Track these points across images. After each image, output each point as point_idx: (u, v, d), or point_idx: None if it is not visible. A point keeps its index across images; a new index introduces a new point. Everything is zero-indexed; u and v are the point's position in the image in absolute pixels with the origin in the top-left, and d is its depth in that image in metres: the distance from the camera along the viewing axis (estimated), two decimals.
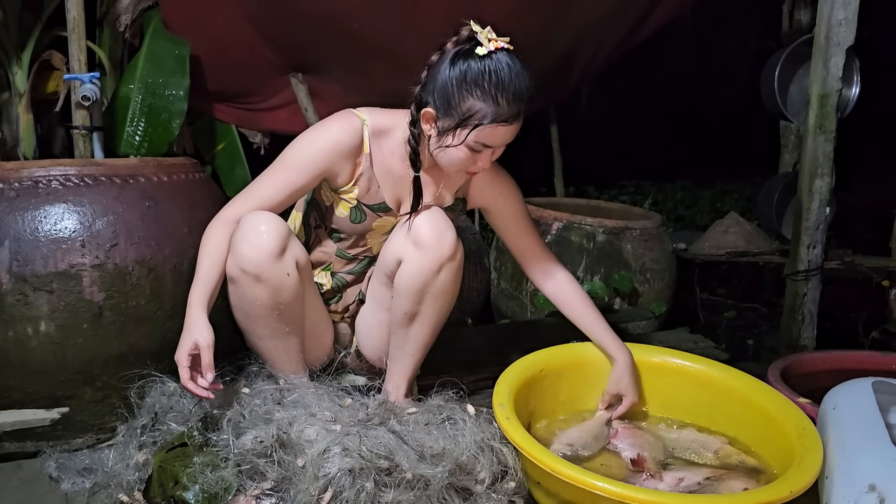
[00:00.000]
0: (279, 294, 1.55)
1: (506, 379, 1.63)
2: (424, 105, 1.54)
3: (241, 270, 1.52)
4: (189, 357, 1.42)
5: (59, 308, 1.55)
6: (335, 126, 1.61)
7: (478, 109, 1.47)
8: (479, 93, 1.46)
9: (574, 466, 1.31)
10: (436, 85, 1.50)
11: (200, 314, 1.46)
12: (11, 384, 1.58)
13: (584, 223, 2.77)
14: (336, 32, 2.63)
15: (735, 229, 3.46)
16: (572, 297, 1.78)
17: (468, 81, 1.46)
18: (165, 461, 1.39)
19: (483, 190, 1.77)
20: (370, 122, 1.63)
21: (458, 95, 1.47)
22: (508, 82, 1.46)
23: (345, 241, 1.73)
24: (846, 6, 2.45)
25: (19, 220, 1.55)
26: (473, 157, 1.54)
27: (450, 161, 1.56)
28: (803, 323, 2.66)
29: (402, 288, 1.60)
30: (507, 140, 1.54)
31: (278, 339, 1.62)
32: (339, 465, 1.30)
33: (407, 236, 1.59)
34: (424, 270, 1.57)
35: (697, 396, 1.76)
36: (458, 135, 1.50)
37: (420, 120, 1.56)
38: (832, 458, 1.39)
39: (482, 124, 1.48)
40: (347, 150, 1.60)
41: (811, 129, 2.55)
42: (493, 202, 1.78)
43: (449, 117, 1.50)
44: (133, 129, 2.36)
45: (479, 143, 1.51)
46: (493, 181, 1.77)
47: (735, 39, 5.40)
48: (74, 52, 2.08)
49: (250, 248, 1.51)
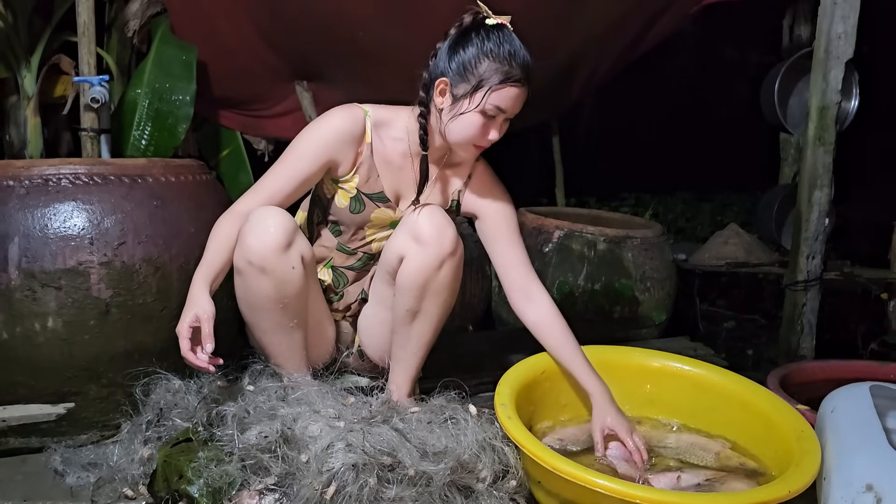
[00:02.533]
0: (284, 287, 1.58)
1: (507, 380, 1.65)
2: (437, 78, 1.61)
3: (248, 262, 1.55)
4: (190, 329, 1.44)
5: (67, 304, 1.57)
6: (338, 115, 1.68)
7: (493, 71, 1.56)
8: (493, 56, 1.56)
9: (575, 464, 1.33)
10: (448, 58, 1.60)
11: (202, 289, 1.49)
12: (18, 380, 1.60)
13: (586, 232, 2.79)
14: (342, 40, 2.66)
15: (735, 240, 3.48)
16: (551, 327, 1.73)
17: (483, 49, 1.56)
18: (170, 456, 1.40)
19: (479, 195, 1.81)
20: (372, 114, 1.71)
21: (474, 61, 1.56)
22: (518, 49, 1.58)
23: (345, 234, 1.77)
24: (845, 20, 2.48)
25: (29, 217, 1.57)
26: (486, 125, 1.60)
27: (462, 130, 1.61)
28: (802, 333, 2.67)
29: (405, 284, 1.63)
30: (517, 105, 1.61)
31: (282, 333, 1.64)
32: (342, 461, 1.31)
33: (408, 233, 1.62)
34: (426, 266, 1.60)
35: (697, 400, 1.77)
36: (474, 98, 1.57)
37: (433, 94, 1.63)
38: (830, 460, 1.40)
39: (496, 84, 1.56)
40: (350, 137, 1.67)
41: (811, 141, 2.58)
42: (485, 209, 1.80)
43: (465, 82, 1.58)
44: (139, 133, 2.39)
45: (493, 105, 1.57)
46: (490, 188, 1.81)
47: (735, 53, 5.45)
48: (84, 56, 2.11)
49: (257, 241, 1.54)
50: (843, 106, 2.65)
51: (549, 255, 2.78)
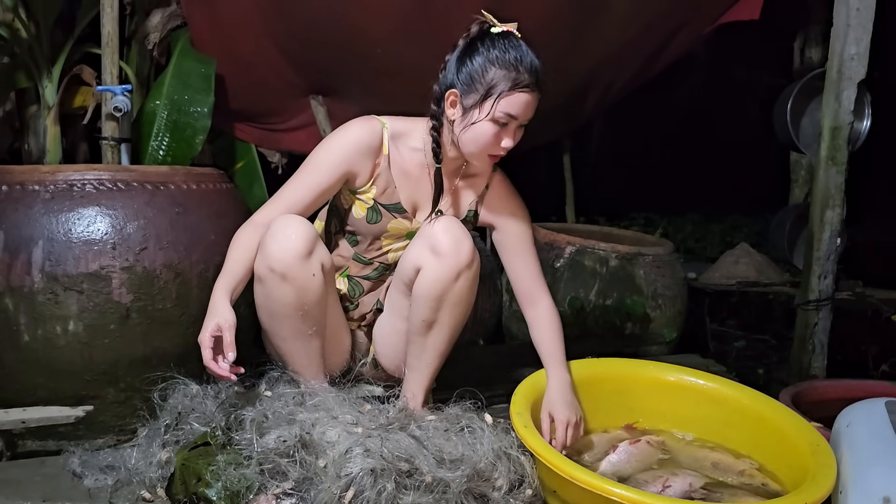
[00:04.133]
0: (304, 295, 1.59)
1: (522, 390, 1.66)
2: (447, 90, 1.63)
3: (269, 269, 1.56)
4: (212, 339, 1.45)
5: (88, 308, 1.59)
6: (356, 127, 1.70)
7: (500, 78, 1.57)
8: (500, 63, 1.57)
9: (592, 473, 1.33)
10: (457, 69, 1.62)
11: (223, 299, 1.51)
12: (38, 382, 1.61)
13: (598, 248, 2.80)
14: (359, 56, 2.69)
15: (746, 260, 3.49)
16: (544, 322, 1.79)
17: (490, 57, 1.58)
18: (188, 459, 1.41)
19: (496, 206, 1.83)
20: (390, 126, 1.73)
21: (481, 70, 1.58)
22: (525, 55, 1.59)
23: (361, 244, 1.78)
24: (858, 42, 2.51)
25: (53, 221, 1.59)
26: (498, 133, 1.61)
27: (475, 140, 1.63)
28: (814, 353, 2.67)
29: (421, 295, 1.64)
30: (529, 111, 1.62)
31: (301, 341, 1.65)
32: (360, 466, 1.32)
33: (425, 244, 1.63)
34: (443, 278, 1.61)
35: (711, 414, 1.78)
36: (483, 107, 1.59)
37: (444, 106, 1.65)
38: (846, 473, 1.40)
39: (504, 91, 1.57)
40: (367, 148, 1.69)
41: (823, 161, 2.60)
42: (502, 220, 1.83)
43: (473, 92, 1.60)
44: (157, 144, 2.41)
45: (503, 112, 1.58)
46: (507, 200, 1.84)
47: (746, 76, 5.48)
48: (107, 66, 2.15)
49: (279, 248, 1.55)
50: (855, 126, 2.67)
51: (560, 270, 2.79)
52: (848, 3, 2.49)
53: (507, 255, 1.84)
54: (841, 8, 2.52)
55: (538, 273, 1.83)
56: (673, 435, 1.80)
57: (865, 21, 2.49)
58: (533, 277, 1.82)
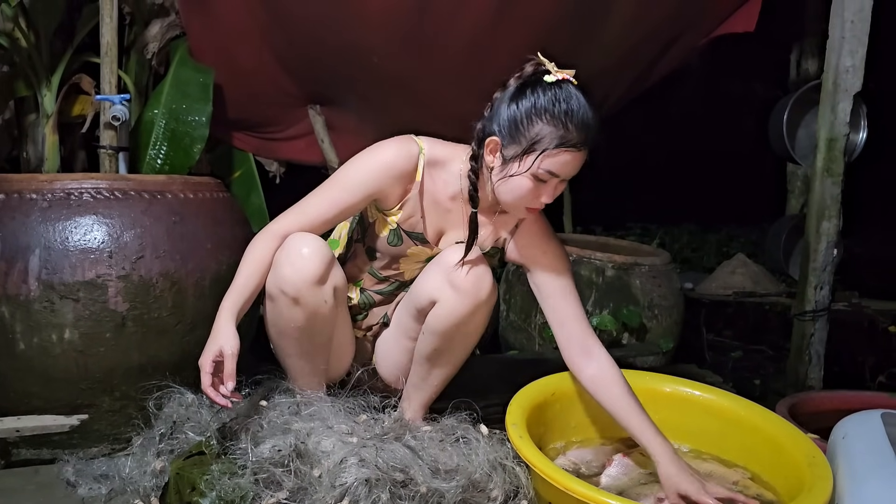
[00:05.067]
0: (314, 319, 1.56)
1: (518, 400, 1.65)
2: (488, 136, 1.52)
3: (281, 291, 1.53)
4: (212, 363, 1.41)
5: (84, 316, 1.59)
6: (392, 149, 1.59)
7: (546, 134, 1.44)
8: (548, 117, 1.44)
9: (588, 485, 1.33)
10: (501, 115, 1.49)
11: (229, 322, 1.45)
12: (33, 390, 1.61)
13: (594, 258, 2.81)
14: (356, 66, 2.70)
15: (742, 270, 3.50)
16: (611, 383, 1.60)
17: (537, 107, 1.44)
18: (183, 468, 1.41)
19: (526, 246, 1.70)
20: (427, 152, 1.62)
21: (526, 121, 1.45)
22: (577, 109, 1.44)
23: (379, 261, 1.73)
24: (853, 54, 2.52)
25: (50, 229, 1.60)
26: (537, 188, 1.50)
27: (512, 193, 1.51)
28: (810, 363, 2.68)
29: (435, 328, 1.60)
30: (573, 170, 1.49)
31: (305, 359, 1.64)
32: (355, 476, 1.32)
33: (444, 277, 1.57)
34: (460, 314, 1.57)
35: (707, 425, 1.77)
36: (525, 161, 1.47)
37: (483, 151, 1.54)
38: (842, 486, 1.40)
39: (549, 149, 1.44)
40: (400, 174, 1.59)
41: (819, 172, 2.61)
42: (534, 260, 1.69)
43: (515, 144, 1.48)
44: (155, 153, 2.42)
45: (545, 170, 1.46)
46: (539, 239, 1.70)
47: (742, 88, 5.51)
48: (106, 75, 2.15)
49: (293, 271, 1.51)
50: (851, 138, 2.68)
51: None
52: (843, 15, 2.51)
53: (546, 298, 1.69)
54: (836, 20, 2.54)
55: (583, 316, 1.66)
56: None
57: (860, 33, 2.51)
58: (579, 322, 1.65)
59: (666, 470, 1.47)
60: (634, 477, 1.63)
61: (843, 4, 2.52)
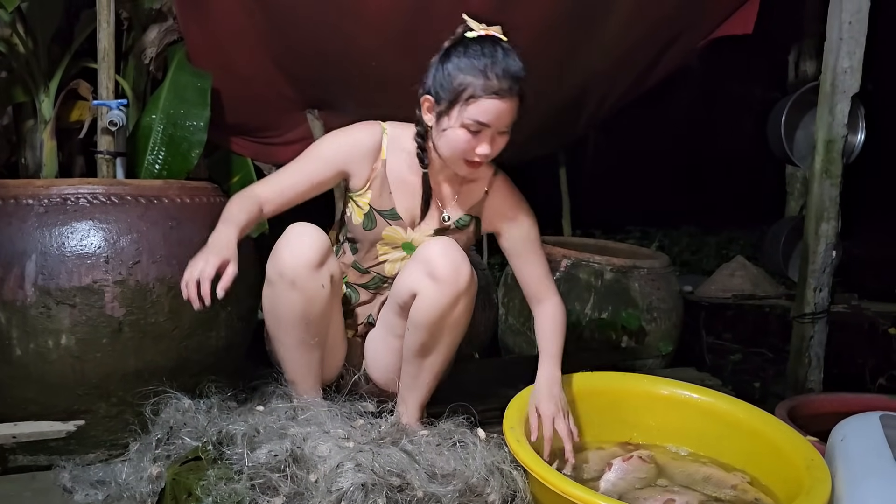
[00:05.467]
0: (311, 305, 1.60)
1: (516, 404, 1.65)
2: (422, 95, 1.65)
3: (279, 274, 1.58)
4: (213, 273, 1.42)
5: (81, 322, 1.59)
6: (358, 128, 1.75)
7: (468, 84, 1.54)
8: (470, 69, 1.55)
9: (585, 488, 1.33)
10: (432, 75, 1.62)
11: (235, 235, 1.50)
12: (29, 396, 1.61)
13: (593, 261, 2.80)
14: (355, 70, 2.71)
15: (741, 273, 3.49)
16: (545, 317, 1.80)
17: (460, 61, 1.56)
18: (179, 474, 1.41)
19: (499, 212, 1.81)
20: (390, 131, 1.75)
21: (451, 76, 1.56)
22: (498, 59, 1.55)
23: (360, 252, 1.80)
24: (851, 55, 2.52)
25: (47, 235, 1.60)
26: (471, 140, 1.58)
27: (448, 146, 1.62)
28: (810, 366, 2.68)
29: (419, 321, 1.63)
30: (501, 118, 1.57)
31: (301, 350, 1.65)
32: (352, 480, 1.31)
33: (422, 269, 1.61)
34: (441, 304, 1.60)
35: (706, 428, 1.77)
36: (452, 114, 1.58)
37: (421, 112, 1.66)
38: (841, 488, 1.40)
39: (473, 97, 1.54)
40: (366, 150, 1.72)
41: (817, 174, 2.61)
42: (506, 225, 1.81)
43: (444, 99, 1.58)
44: (153, 158, 2.42)
45: (472, 119, 1.55)
46: (509, 204, 1.82)
47: (741, 89, 5.51)
48: (103, 81, 2.16)
49: (291, 255, 1.57)
50: (849, 140, 2.68)
51: (556, 283, 2.78)
52: (840, 17, 2.51)
53: (514, 259, 1.84)
54: (833, 22, 2.54)
55: (545, 273, 1.83)
56: (666, 449, 1.80)
57: (858, 35, 2.51)
58: (540, 278, 1.82)
59: (537, 388, 1.67)
60: (633, 481, 1.62)
61: (840, 6, 2.52)
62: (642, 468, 1.65)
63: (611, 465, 1.65)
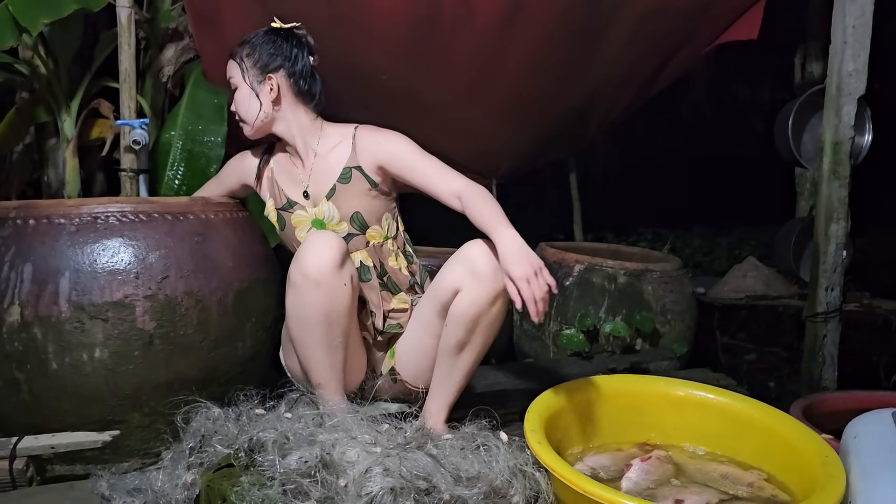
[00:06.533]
0: (334, 303, 1.69)
1: (536, 407, 1.69)
2: None
3: (304, 275, 1.67)
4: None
5: (113, 336, 1.64)
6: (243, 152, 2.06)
7: None
8: None
9: (607, 488, 1.36)
10: None
11: None
12: (66, 408, 1.66)
13: (606, 265, 2.84)
14: (365, 84, 2.76)
15: (754, 273, 3.52)
16: (471, 197, 1.74)
17: None
18: (213, 480, 1.45)
19: (370, 149, 1.87)
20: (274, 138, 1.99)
21: None
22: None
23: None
24: (856, 58, 2.56)
25: (79, 252, 1.65)
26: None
27: None
28: (824, 364, 2.70)
29: (458, 317, 1.69)
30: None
31: (325, 350, 1.72)
32: (380, 485, 1.36)
33: (464, 267, 1.69)
34: (481, 301, 1.67)
35: (721, 427, 1.80)
36: None
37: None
38: (855, 484, 1.43)
39: None
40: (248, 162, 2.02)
41: (825, 175, 2.64)
42: (384, 152, 1.85)
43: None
44: (173, 174, 2.48)
45: None
46: (379, 138, 1.88)
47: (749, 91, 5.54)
48: (125, 100, 2.22)
49: (314, 256, 1.68)
50: (856, 141, 2.71)
51: (570, 288, 2.83)
52: (844, 20, 2.54)
53: (410, 175, 1.84)
54: (838, 25, 2.58)
55: (443, 168, 1.82)
56: (683, 449, 1.83)
57: (862, 37, 2.54)
58: (441, 174, 1.81)
59: (502, 255, 1.62)
60: (654, 481, 1.66)
61: (844, 9, 2.55)
62: (660, 467, 1.68)
63: (630, 465, 1.68)
